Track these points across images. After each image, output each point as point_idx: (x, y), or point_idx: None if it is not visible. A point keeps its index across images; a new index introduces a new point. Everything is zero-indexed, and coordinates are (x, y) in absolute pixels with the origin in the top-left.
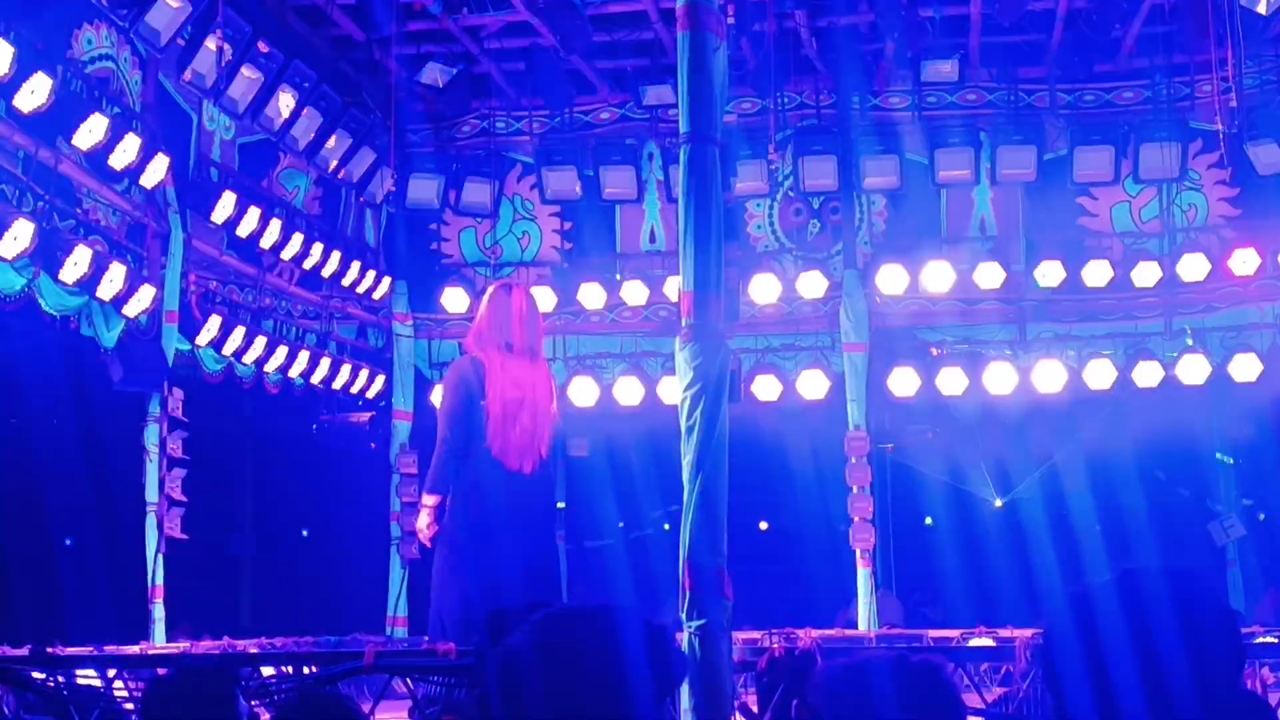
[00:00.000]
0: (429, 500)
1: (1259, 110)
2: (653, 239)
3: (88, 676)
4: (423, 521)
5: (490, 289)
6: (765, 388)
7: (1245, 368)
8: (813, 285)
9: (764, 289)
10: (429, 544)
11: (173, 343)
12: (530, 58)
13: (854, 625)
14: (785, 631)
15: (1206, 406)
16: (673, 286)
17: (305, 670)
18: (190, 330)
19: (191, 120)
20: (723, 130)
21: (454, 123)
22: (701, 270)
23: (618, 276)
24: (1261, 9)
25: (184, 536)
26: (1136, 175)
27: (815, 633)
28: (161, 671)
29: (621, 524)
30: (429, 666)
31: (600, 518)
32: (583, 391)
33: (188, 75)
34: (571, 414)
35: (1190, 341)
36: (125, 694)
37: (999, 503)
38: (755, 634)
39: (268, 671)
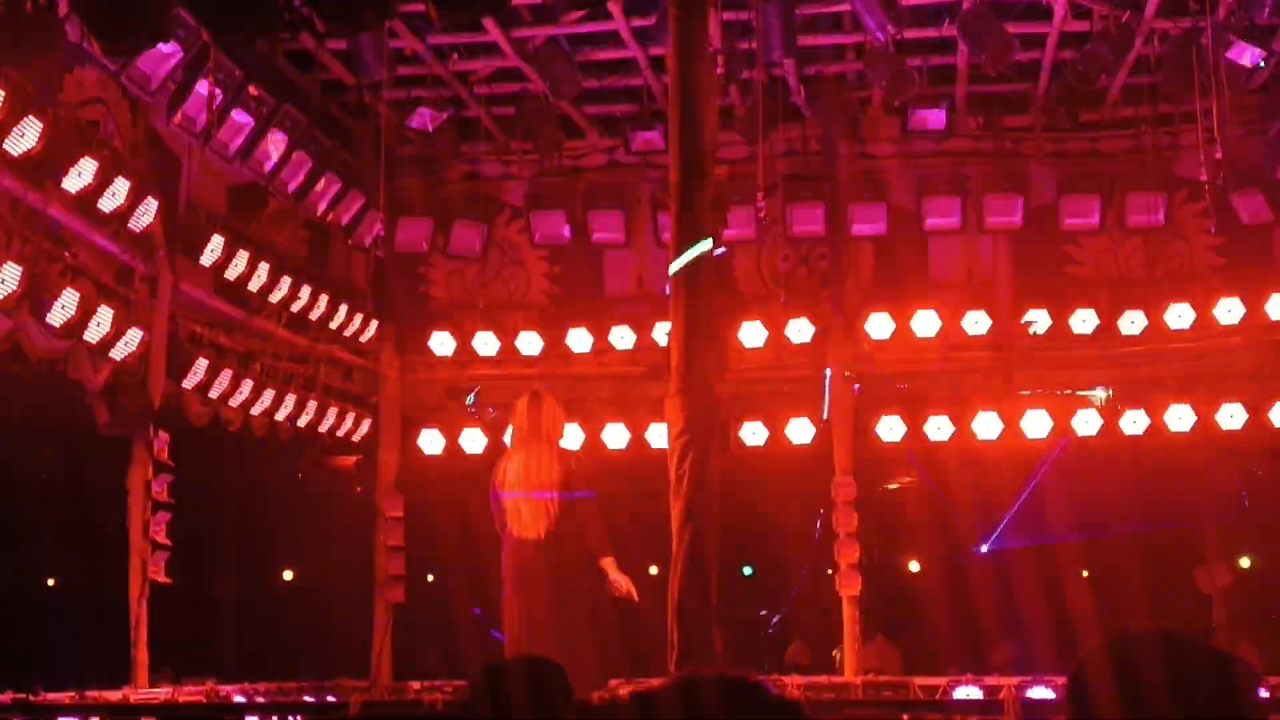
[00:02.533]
0: None
1: (1243, 161)
2: (641, 283)
3: None
4: None
5: (518, 400)
6: (752, 433)
7: (1231, 417)
8: (800, 331)
9: (752, 335)
10: None
11: (159, 386)
12: (520, 103)
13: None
14: (771, 679)
15: (1192, 454)
16: (661, 331)
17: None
18: (177, 374)
19: (181, 164)
20: (712, 180)
21: (443, 167)
22: (691, 321)
23: (606, 320)
24: (1245, 61)
25: (168, 580)
26: (1122, 224)
27: (801, 680)
28: None
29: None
30: (414, 717)
31: None
32: (569, 436)
33: (178, 119)
34: None
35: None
36: None
37: (984, 548)
38: None
39: None
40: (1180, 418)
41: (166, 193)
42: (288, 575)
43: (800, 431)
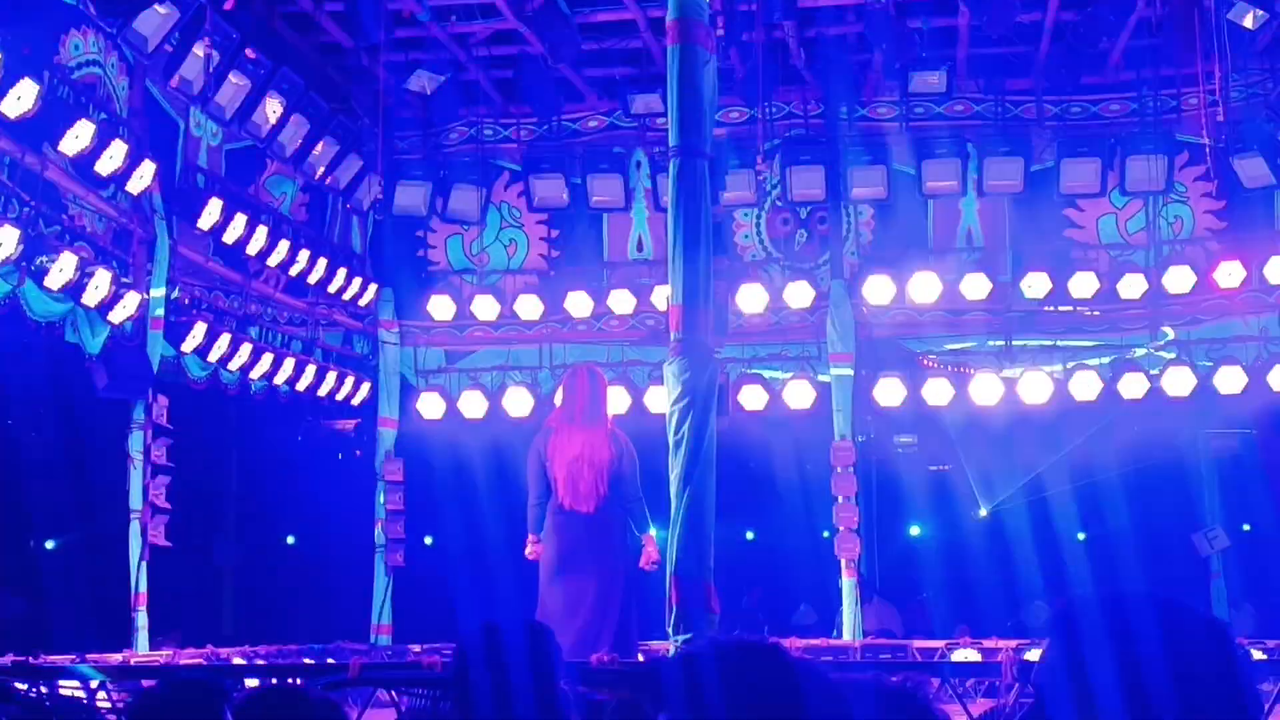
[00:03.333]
0: (530, 538)
1: (1245, 123)
2: (640, 247)
3: (71, 687)
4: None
5: (565, 375)
6: (752, 397)
7: (1230, 380)
8: (800, 295)
9: (751, 299)
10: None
11: (158, 349)
12: (518, 65)
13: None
14: (773, 640)
15: (1191, 418)
16: (660, 295)
17: (290, 682)
18: (175, 337)
19: (178, 127)
20: (712, 143)
21: (441, 130)
22: (690, 284)
23: (605, 284)
24: (1248, 23)
25: (168, 544)
26: (1123, 187)
27: (800, 643)
28: (147, 684)
29: None
30: (413, 679)
31: None
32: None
33: (175, 81)
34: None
35: (1169, 340)
36: (109, 705)
37: (984, 512)
38: None
39: (252, 684)
40: (1179, 381)
41: (164, 155)
42: (288, 539)
43: (800, 395)
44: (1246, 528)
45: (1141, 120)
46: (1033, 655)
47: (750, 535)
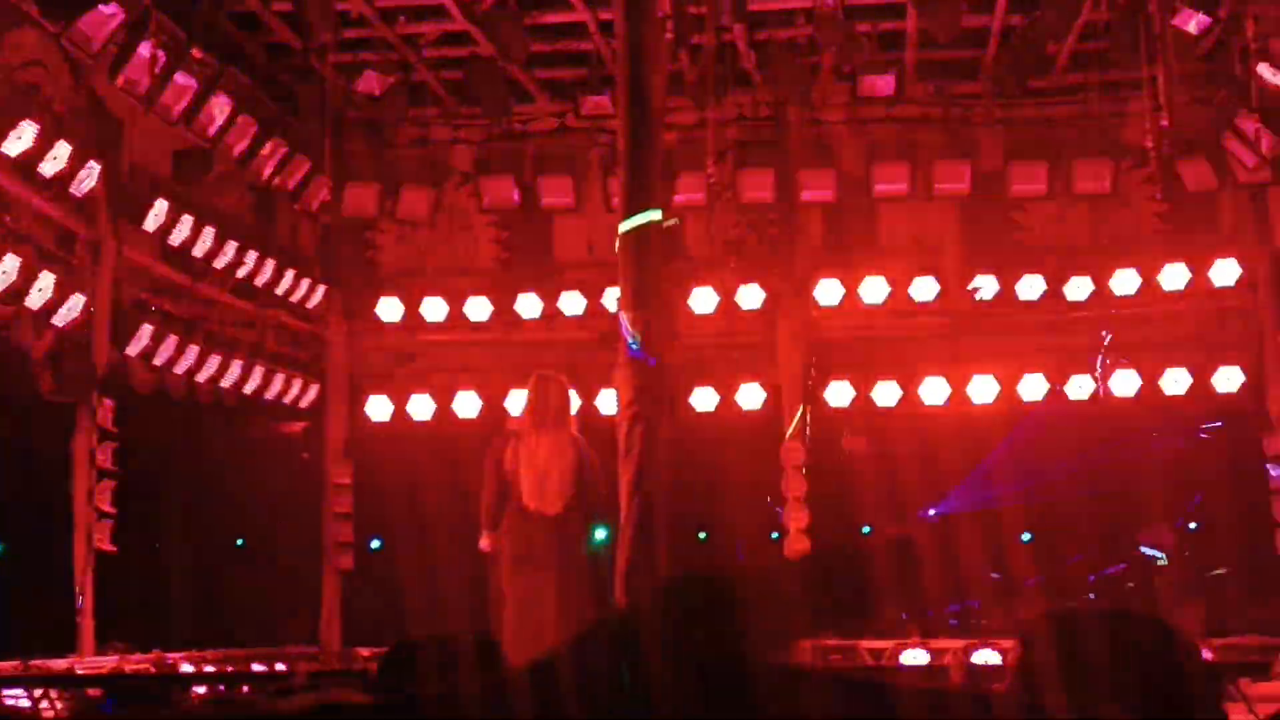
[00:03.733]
0: (486, 535)
1: (1189, 128)
2: (591, 249)
3: (15, 696)
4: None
5: (530, 381)
6: (703, 399)
7: (1175, 381)
8: (750, 297)
9: (702, 301)
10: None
11: (103, 352)
12: (468, 66)
13: None
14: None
15: (1137, 419)
16: (611, 297)
17: (238, 689)
18: (121, 340)
19: (124, 127)
20: (662, 145)
21: (391, 131)
22: (640, 290)
23: (555, 286)
24: (1191, 28)
25: (113, 549)
26: (1070, 190)
27: None
28: (92, 692)
29: None
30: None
31: None
32: (519, 402)
33: (120, 82)
34: None
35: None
36: (53, 714)
37: (931, 511)
38: None
39: (200, 691)
40: (1125, 382)
41: (109, 157)
42: (237, 542)
43: (750, 397)
44: (1193, 526)
45: (1088, 123)
46: (980, 657)
47: (702, 535)
